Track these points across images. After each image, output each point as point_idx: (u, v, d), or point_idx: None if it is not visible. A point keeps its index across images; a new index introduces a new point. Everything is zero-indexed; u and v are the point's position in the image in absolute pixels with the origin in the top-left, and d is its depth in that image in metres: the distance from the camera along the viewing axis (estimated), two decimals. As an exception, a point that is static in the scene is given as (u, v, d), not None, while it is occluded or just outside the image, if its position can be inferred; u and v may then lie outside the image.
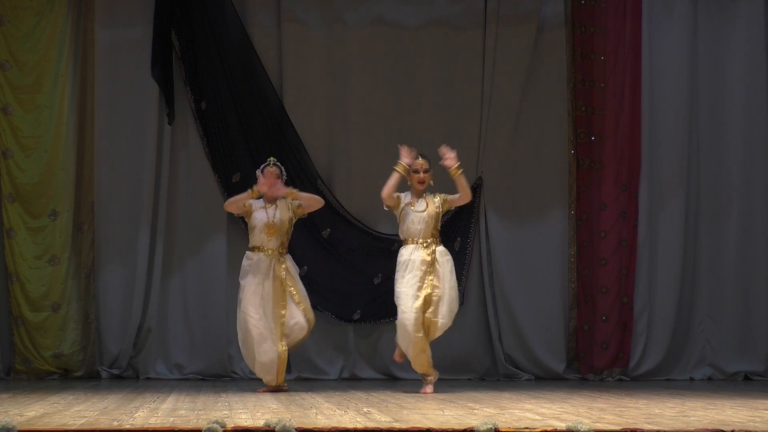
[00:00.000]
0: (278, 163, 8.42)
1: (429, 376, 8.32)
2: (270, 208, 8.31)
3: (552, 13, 10.44)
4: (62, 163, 9.94)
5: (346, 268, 10.15)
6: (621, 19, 10.34)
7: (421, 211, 8.26)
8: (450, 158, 8.29)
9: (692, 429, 5.21)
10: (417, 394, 7.79)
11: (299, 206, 8.38)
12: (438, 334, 8.25)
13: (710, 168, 10.49)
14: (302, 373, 9.86)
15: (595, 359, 10.22)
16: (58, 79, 9.97)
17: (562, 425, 5.20)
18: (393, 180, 8.32)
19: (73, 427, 5.12)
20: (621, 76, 10.34)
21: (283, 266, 8.24)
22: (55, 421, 5.43)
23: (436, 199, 8.34)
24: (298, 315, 8.22)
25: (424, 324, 8.16)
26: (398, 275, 8.24)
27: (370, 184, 10.22)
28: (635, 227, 10.33)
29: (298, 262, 9.98)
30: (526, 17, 10.36)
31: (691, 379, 10.25)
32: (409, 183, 8.41)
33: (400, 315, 8.16)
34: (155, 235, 10.02)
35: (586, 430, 5.03)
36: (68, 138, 9.97)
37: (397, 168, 8.31)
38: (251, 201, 8.31)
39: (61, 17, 9.99)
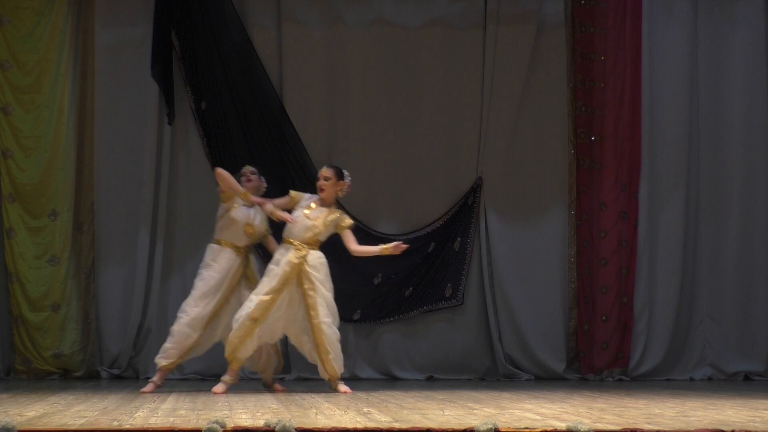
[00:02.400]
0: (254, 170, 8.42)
1: (229, 375, 7.97)
2: (251, 209, 8.25)
3: (552, 13, 10.44)
4: (62, 163, 9.94)
5: (346, 268, 10.13)
6: (621, 19, 10.34)
7: (312, 219, 8.04)
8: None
9: (692, 429, 5.21)
10: (417, 394, 7.79)
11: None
12: (324, 337, 7.88)
13: (710, 168, 10.49)
14: (302, 373, 9.86)
15: (595, 359, 10.23)
16: (58, 79, 9.97)
17: (562, 425, 5.19)
18: (371, 249, 8.18)
19: (73, 427, 5.12)
20: (621, 76, 10.34)
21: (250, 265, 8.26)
22: (55, 421, 5.43)
23: (332, 217, 8.11)
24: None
25: (295, 326, 7.98)
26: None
27: (370, 184, 10.24)
28: (635, 227, 10.33)
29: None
30: (526, 17, 10.36)
31: (691, 379, 10.25)
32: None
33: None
34: (155, 235, 10.03)
35: (586, 430, 5.03)
36: (68, 138, 9.98)
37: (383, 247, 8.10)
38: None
39: (61, 17, 10.00)
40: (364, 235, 10.18)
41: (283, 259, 7.96)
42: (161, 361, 8.20)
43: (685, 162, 10.42)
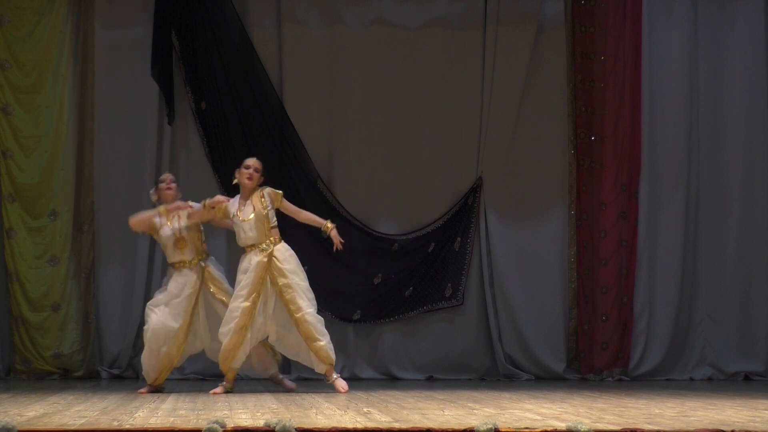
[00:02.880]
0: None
1: (227, 382, 7.99)
2: (173, 221, 8.19)
3: (552, 13, 10.44)
4: (62, 163, 9.94)
5: (346, 268, 10.14)
6: (621, 19, 10.34)
7: (248, 219, 7.98)
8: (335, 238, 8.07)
9: (692, 429, 5.21)
10: (417, 394, 7.79)
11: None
12: (311, 327, 7.88)
13: (710, 168, 10.49)
14: (302, 373, 9.85)
15: (595, 359, 10.22)
16: (58, 79, 9.98)
17: (562, 425, 5.19)
18: (316, 219, 8.16)
19: (73, 427, 5.12)
20: (621, 76, 10.34)
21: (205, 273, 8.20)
22: (55, 421, 5.43)
23: (263, 197, 8.02)
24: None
25: (273, 325, 7.95)
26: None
27: (369, 184, 10.24)
28: (635, 227, 10.33)
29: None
30: (526, 17, 10.36)
31: (691, 379, 10.25)
32: (236, 181, 8.14)
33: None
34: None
35: (586, 430, 5.03)
36: (68, 138, 9.98)
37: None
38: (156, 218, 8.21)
39: (61, 17, 10.00)
40: (365, 235, 10.20)
41: (252, 264, 7.91)
42: (148, 379, 8.19)
43: (685, 162, 10.42)
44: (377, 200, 10.32)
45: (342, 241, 8.09)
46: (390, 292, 10.20)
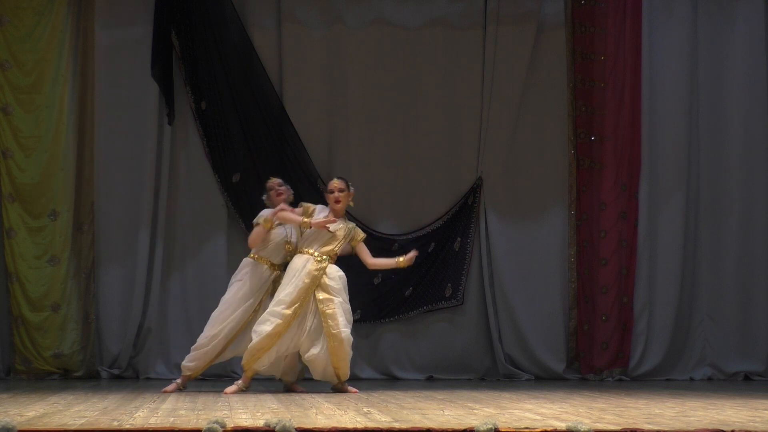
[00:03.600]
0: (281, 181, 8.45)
1: (243, 382, 8.03)
2: (287, 225, 8.26)
3: (552, 13, 10.44)
4: (62, 163, 9.94)
5: (346, 268, 10.12)
6: (621, 19, 10.34)
7: (332, 230, 8.04)
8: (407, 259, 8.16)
9: (692, 429, 5.21)
10: (417, 394, 7.79)
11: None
12: (344, 345, 7.91)
13: (710, 168, 10.49)
14: (302, 373, 9.85)
15: (595, 359, 10.23)
16: (58, 79, 9.97)
17: (562, 425, 5.19)
18: (387, 262, 8.32)
19: (73, 427, 5.12)
20: (621, 76, 10.34)
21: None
22: (55, 421, 5.43)
23: (348, 228, 8.16)
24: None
25: (307, 341, 7.95)
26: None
27: (370, 184, 10.24)
28: (635, 227, 10.33)
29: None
30: (526, 17, 10.37)
31: (691, 379, 10.25)
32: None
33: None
34: (155, 235, 10.03)
35: (586, 430, 5.03)
36: (68, 138, 9.98)
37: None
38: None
39: (61, 17, 10.00)
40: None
41: (303, 269, 7.96)
42: (185, 369, 8.25)
43: (685, 162, 10.42)
44: (377, 200, 10.32)
45: (416, 253, 8.24)
46: (390, 292, 10.20)
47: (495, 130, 10.33)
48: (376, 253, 10.14)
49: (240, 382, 8.01)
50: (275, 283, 8.22)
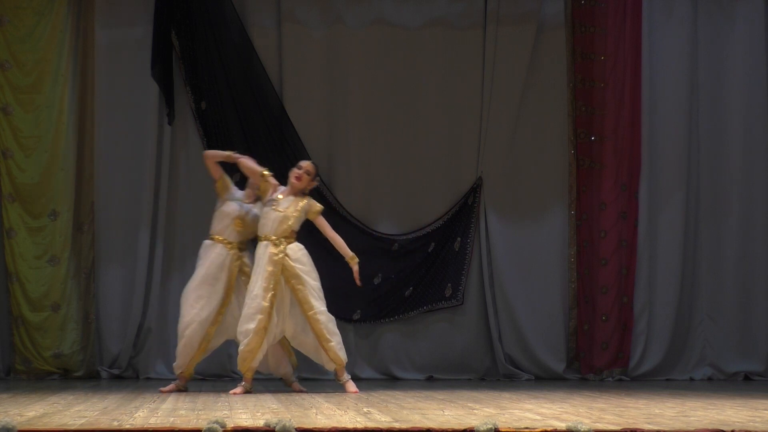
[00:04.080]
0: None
1: (246, 382, 7.98)
2: (247, 203, 8.27)
3: (552, 13, 10.44)
4: (62, 163, 9.94)
5: (346, 268, 10.12)
6: (621, 19, 10.34)
7: (281, 210, 8.02)
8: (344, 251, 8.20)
9: (692, 429, 5.21)
10: (417, 394, 7.79)
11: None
12: (322, 326, 7.94)
13: (710, 168, 10.49)
14: (302, 373, 9.85)
15: (595, 359, 10.22)
16: (58, 79, 9.97)
17: (562, 425, 5.19)
18: (342, 246, 8.25)
19: (73, 427, 5.12)
20: (621, 76, 10.34)
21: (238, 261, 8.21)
22: (55, 421, 5.43)
23: (302, 204, 8.09)
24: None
25: (290, 322, 7.96)
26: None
27: (370, 184, 10.25)
28: (635, 227, 10.33)
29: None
30: (526, 17, 10.37)
31: (691, 379, 10.25)
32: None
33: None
34: (155, 235, 10.03)
35: (586, 430, 5.03)
36: (68, 138, 9.98)
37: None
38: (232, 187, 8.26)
39: (61, 17, 10.00)
40: (365, 235, 10.20)
41: (264, 257, 7.94)
42: (176, 369, 8.29)
43: (685, 162, 10.42)
44: (377, 200, 10.32)
45: (360, 282, 8.23)
46: (390, 292, 10.20)
47: (495, 130, 10.33)
48: (376, 253, 10.21)
49: (244, 383, 8.00)
50: (242, 266, 8.16)
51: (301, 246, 8.08)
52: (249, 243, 8.43)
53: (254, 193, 8.32)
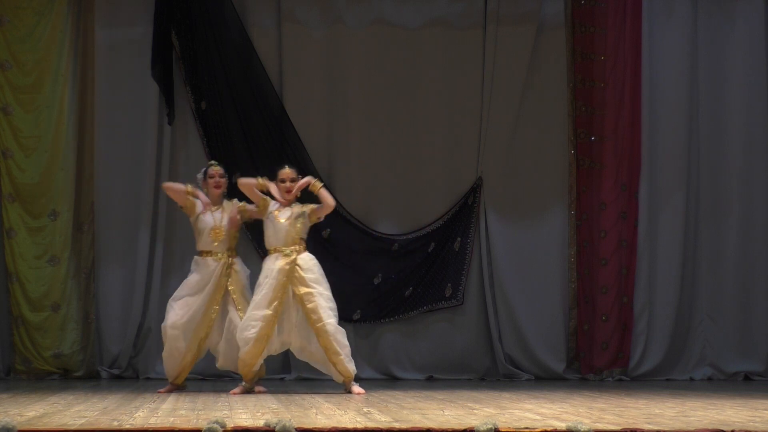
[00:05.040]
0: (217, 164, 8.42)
1: (246, 383, 8.02)
2: (216, 212, 8.27)
3: (552, 13, 10.44)
4: (62, 163, 9.94)
5: (346, 268, 10.14)
6: (621, 19, 10.34)
7: (283, 221, 8.01)
8: (304, 182, 8.08)
9: (692, 429, 5.21)
10: (417, 394, 7.79)
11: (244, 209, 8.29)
12: (331, 338, 7.85)
13: (710, 168, 10.49)
14: (302, 373, 9.85)
15: (595, 359, 10.22)
16: (58, 79, 9.98)
17: (562, 425, 5.20)
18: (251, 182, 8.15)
19: (73, 427, 5.12)
20: (621, 76, 10.34)
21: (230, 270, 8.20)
22: (55, 421, 5.43)
23: (301, 211, 8.06)
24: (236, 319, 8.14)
25: (296, 336, 7.93)
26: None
27: (370, 184, 10.24)
28: (635, 227, 10.33)
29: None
30: (526, 17, 10.36)
31: (691, 379, 10.25)
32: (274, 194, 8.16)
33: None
34: (155, 235, 10.03)
35: (586, 430, 5.03)
36: (68, 138, 9.98)
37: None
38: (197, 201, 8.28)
39: (61, 17, 10.00)
40: (365, 235, 10.20)
41: (274, 268, 7.92)
42: (167, 376, 8.26)
43: (685, 162, 10.42)
44: (377, 200, 10.32)
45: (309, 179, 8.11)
46: (390, 292, 10.20)
47: (495, 130, 10.33)
48: (376, 253, 10.21)
49: (244, 384, 8.01)
50: (228, 278, 8.14)
51: (311, 256, 8.06)
52: (239, 248, 8.44)
53: (218, 200, 8.27)
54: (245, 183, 8.18)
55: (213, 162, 8.51)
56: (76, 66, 10.06)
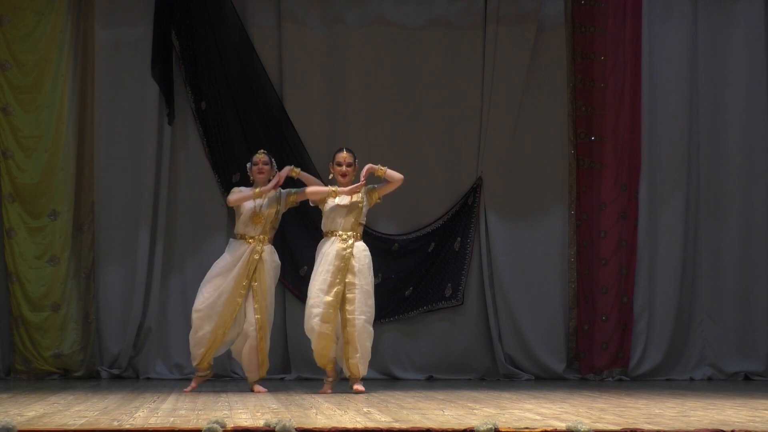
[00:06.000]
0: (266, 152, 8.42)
1: (329, 377, 8.06)
2: (258, 198, 8.25)
3: (552, 13, 10.44)
4: (62, 163, 9.94)
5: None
6: (621, 19, 10.34)
7: (344, 205, 8.06)
8: (366, 169, 8.13)
9: (692, 429, 5.21)
10: (417, 394, 7.79)
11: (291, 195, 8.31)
12: (356, 333, 7.89)
13: (710, 168, 10.50)
14: (302, 373, 9.86)
15: (595, 359, 10.23)
16: (58, 79, 9.97)
17: (562, 425, 5.20)
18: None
19: (73, 427, 5.12)
20: (621, 76, 10.34)
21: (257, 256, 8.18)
22: (55, 421, 5.43)
23: (360, 194, 8.12)
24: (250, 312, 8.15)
25: (338, 320, 7.96)
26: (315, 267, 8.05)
27: (369, 184, 10.23)
28: (635, 227, 10.33)
29: (298, 261, 9.95)
30: (526, 17, 10.37)
31: (691, 379, 10.25)
32: (330, 176, 8.27)
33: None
34: (155, 235, 10.02)
35: (586, 430, 5.03)
36: (68, 138, 9.98)
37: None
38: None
39: (61, 17, 9.99)
40: (365, 235, 10.17)
41: (331, 251, 7.96)
42: (192, 360, 8.24)
43: (685, 162, 10.42)
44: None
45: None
46: (390, 292, 10.20)
47: (495, 130, 10.33)
48: (376, 253, 10.15)
49: (330, 379, 8.01)
50: (260, 266, 8.13)
51: (365, 246, 8.10)
52: (276, 236, 8.44)
53: (263, 185, 8.27)
54: (315, 191, 8.17)
55: (262, 150, 8.47)
56: (76, 66, 10.06)
